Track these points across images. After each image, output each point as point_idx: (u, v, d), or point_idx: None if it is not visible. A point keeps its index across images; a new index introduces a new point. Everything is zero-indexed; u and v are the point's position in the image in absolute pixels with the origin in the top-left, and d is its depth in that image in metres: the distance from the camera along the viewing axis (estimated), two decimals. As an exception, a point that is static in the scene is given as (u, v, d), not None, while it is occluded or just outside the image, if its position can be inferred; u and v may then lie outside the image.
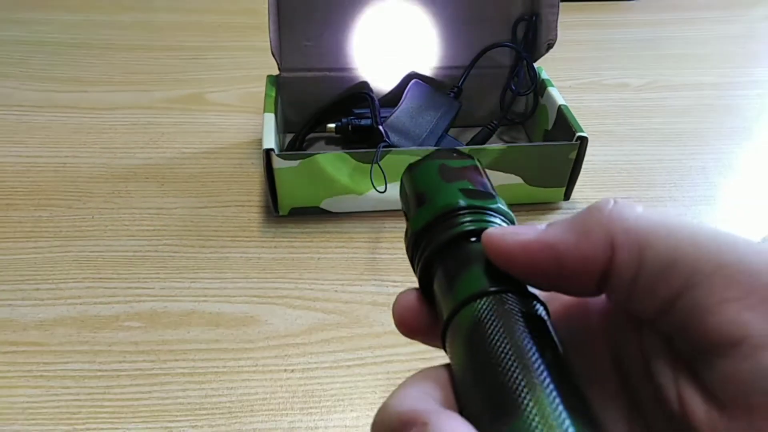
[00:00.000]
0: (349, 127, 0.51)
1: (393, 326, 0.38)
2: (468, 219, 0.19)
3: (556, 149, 0.45)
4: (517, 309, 0.16)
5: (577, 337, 0.18)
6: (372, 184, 0.43)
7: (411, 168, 0.22)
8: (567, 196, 0.48)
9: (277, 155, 0.42)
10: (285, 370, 0.36)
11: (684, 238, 0.15)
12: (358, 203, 0.46)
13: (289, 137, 0.53)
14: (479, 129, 0.52)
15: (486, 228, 0.18)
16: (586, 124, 0.47)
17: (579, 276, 0.16)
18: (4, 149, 0.52)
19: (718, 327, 0.14)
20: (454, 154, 0.22)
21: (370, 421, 0.33)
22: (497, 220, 0.19)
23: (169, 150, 0.53)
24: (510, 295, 0.16)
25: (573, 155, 0.45)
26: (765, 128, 0.59)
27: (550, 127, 0.50)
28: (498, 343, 0.15)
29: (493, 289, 0.17)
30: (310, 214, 0.46)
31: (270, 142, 0.43)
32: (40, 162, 0.51)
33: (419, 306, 0.19)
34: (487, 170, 0.35)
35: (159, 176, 0.50)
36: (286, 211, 0.46)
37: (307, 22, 0.50)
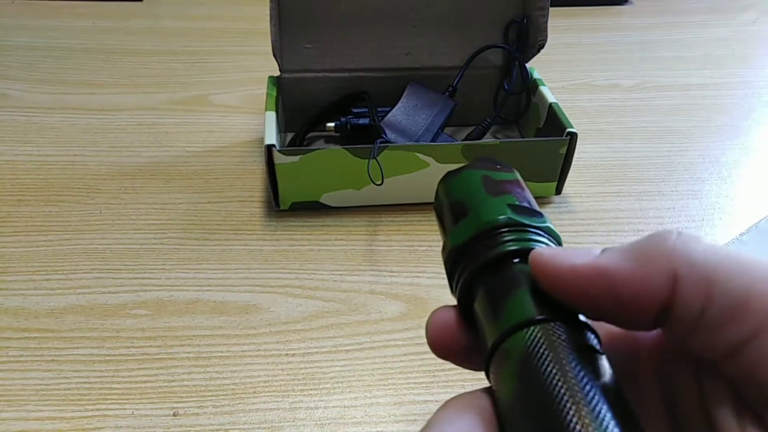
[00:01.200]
0: (348, 125, 0.53)
1: (390, 314, 0.40)
2: (514, 237, 0.18)
3: (547, 144, 0.47)
4: (569, 339, 0.15)
5: (623, 370, 0.16)
6: (370, 178, 0.45)
7: (450, 176, 0.21)
8: (558, 191, 0.50)
9: (278, 151, 0.44)
10: (286, 355, 0.37)
11: (759, 277, 0.14)
12: (356, 198, 0.48)
13: (289, 136, 0.55)
14: (474, 127, 0.54)
15: (533, 248, 0.17)
16: (578, 123, 0.48)
17: (635, 308, 0.15)
18: (16, 148, 0.54)
19: None
20: (498, 166, 0.21)
21: (368, 402, 0.35)
22: (545, 240, 0.18)
23: (173, 149, 0.55)
24: (561, 324, 0.16)
25: (563, 150, 0.47)
26: (750, 126, 0.61)
27: (541, 124, 0.52)
28: (551, 376, 0.14)
29: (543, 317, 0.16)
30: (310, 208, 0.48)
31: (271, 138, 0.44)
32: (50, 160, 0.53)
33: (456, 325, 0.18)
34: None
35: (164, 173, 0.52)
36: (287, 205, 0.48)
37: (307, 25, 0.52)
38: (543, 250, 0.17)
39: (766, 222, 0.47)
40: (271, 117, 0.47)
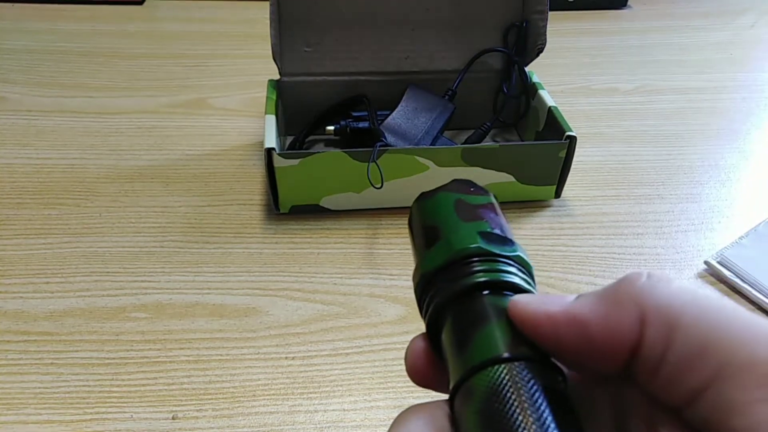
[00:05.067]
0: (348, 129, 0.53)
1: (389, 316, 0.40)
2: (484, 268, 0.18)
3: (546, 148, 0.47)
4: (534, 381, 0.15)
5: (585, 409, 0.17)
6: (369, 182, 0.45)
7: (424, 197, 0.21)
8: (558, 194, 0.50)
9: (278, 154, 0.44)
10: (285, 358, 0.37)
11: (718, 323, 0.14)
12: (356, 201, 0.48)
13: (289, 139, 0.55)
14: (473, 131, 0.54)
15: (502, 280, 0.17)
16: (577, 127, 0.49)
17: (607, 353, 0.15)
18: (15, 151, 0.54)
19: (744, 429, 0.13)
20: (471, 189, 0.21)
21: (367, 405, 0.35)
22: (514, 270, 0.18)
23: (173, 152, 0.55)
24: (527, 363, 0.15)
25: (563, 154, 0.47)
26: (749, 130, 0.61)
27: (541, 128, 0.52)
28: (514, 419, 0.14)
29: (508, 356, 0.15)
30: (310, 211, 0.48)
31: (271, 141, 0.44)
32: (49, 163, 0.53)
33: (429, 354, 0.18)
34: (480, 168, 0.34)
35: (164, 176, 0.52)
36: (286, 208, 0.48)
37: (307, 28, 0.52)
38: (519, 298, 0.17)
39: (765, 225, 0.47)
40: (270, 120, 0.47)
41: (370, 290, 0.42)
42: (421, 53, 0.55)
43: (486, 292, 0.17)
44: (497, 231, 0.19)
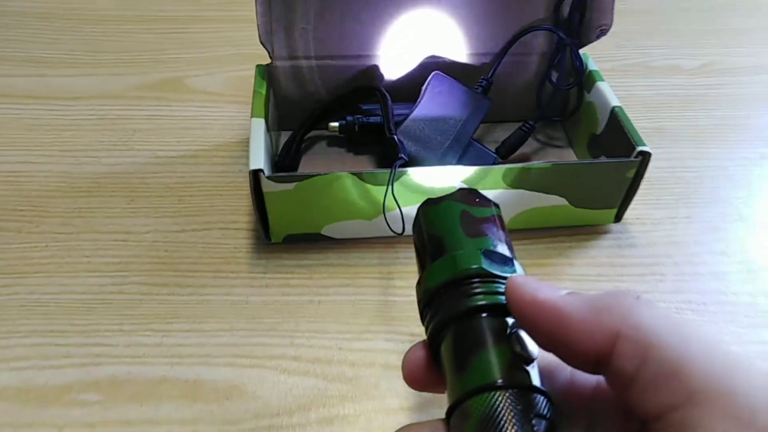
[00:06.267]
0: (356, 126, 0.43)
1: (410, 400, 0.31)
2: (484, 290, 0.19)
3: (610, 168, 0.36)
4: (527, 408, 0.17)
5: (564, 413, 0.19)
6: (384, 213, 0.35)
7: (429, 204, 0.22)
8: (618, 218, 0.40)
9: (268, 178, 0.34)
10: (277, 461, 0.29)
11: (696, 351, 0.15)
12: (366, 229, 0.38)
13: (284, 137, 0.45)
14: (510, 131, 0.43)
15: (501, 303, 0.19)
16: (635, 119, 0.38)
17: (578, 351, 0.17)
18: (-57, 154, 0.44)
19: None
20: (477, 200, 0.22)
21: None
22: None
23: (141, 153, 0.45)
24: (520, 391, 0.17)
25: (631, 174, 0.37)
26: None
27: (598, 131, 0.41)
28: None
29: (503, 383, 0.17)
30: (308, 240, 0.38)
31: (258, 159, 0.34)
32: (-14, 171, 0.43)
33: (429, 363, 0.20)
34: (524, 190, 0.34)
35: (128, 188, 0.42)
36: (279, 238, 0.38)
37: (304, 0, 0.41)
38: (517, 278, 0.18)
39: None
40: (258, 128, 0.37)
41: (385, 358, 0.33)
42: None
43: (484, 315, 0.19)
44: (499, 249, 0.20)
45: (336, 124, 0.43)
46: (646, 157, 0.36)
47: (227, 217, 0.40)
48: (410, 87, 0.43)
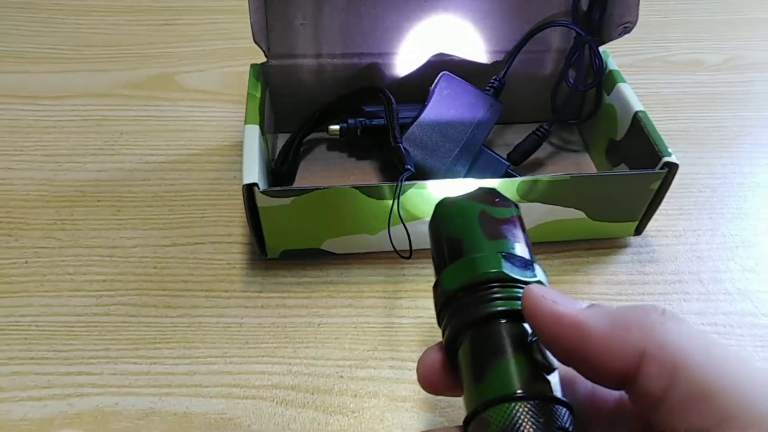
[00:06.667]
0: (358, 130, 0.40)
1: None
2: (504, 295, 0.18)
3: (634, 180, 0.34)
4: (546, 421, 0.16)
5: (584, 422, 0.18)
6: (389, 233, 0.32)
7: (447, 204, 0.21)
8: (639, 231, 0.37)
9: (263, 193, 0.31)
10: (274, 505, 0.27)
11: (728, 373, 0.14)
12: (369, 243, 0.35)
13: (282, 140, 0.42)
14: (522, 133, 0.41)
15: (520, 309, 0.18)
16: (655, 119, 0.36)
17: (600, 369, 0.16)
18: None
19: None
20: (497, 200, 0.21)
21: None
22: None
23: (128, 158, 0.42)
24: (539, 403, 0.16)
25: (655, 186, 0.34)
26: None
27: (619, 137, 0.38)
28: None
29: (523, 394, 0.17)
30: (307, 256, 0.36)
31: (252, 171, 0.31)
32: (-37, 178, 0.40)
33: (444, 366, 0.19)
34: (540, 204, 0.32)
35: (114, 197, 0.39)
36: (276, 253, 0.36)
37: (301, -8, 0.37)
38: (534, 289, 0.17)
39: None
40: (252, 135, 0.34)
41: (389, 388, 0.30)
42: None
43: (504, 321, 0.18)
44: (519, 252, 0.20)
45: (336, 127, 0.40)
46: (672, 168, 0.33)
47: (220, 229, 0.38)
48: (417, 87, 0.40)
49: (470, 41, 0.40)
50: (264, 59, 0.39)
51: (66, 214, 0.38)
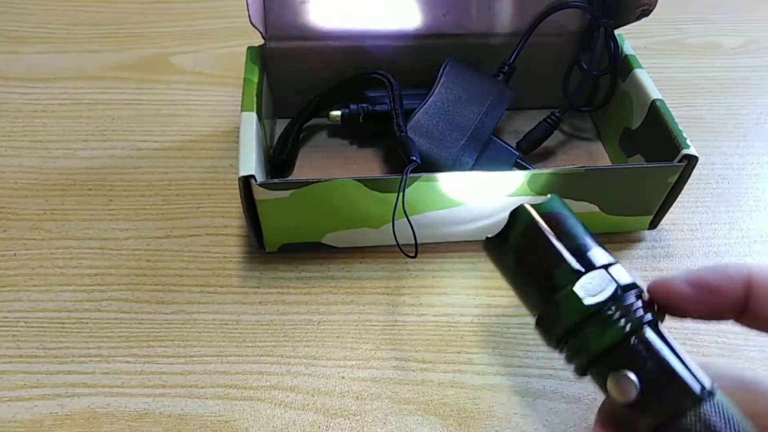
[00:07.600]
0: (360, 116, 0.38)
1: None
2: (622, 317, 0.18)
3: (650, 173, 0.32)
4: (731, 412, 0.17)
5: None
6: (393, 229, 0.31)
7: (521, 224, 0.20)
8: (654, 225, 0.36)
9: (260, 185, 0.30)
10: None
11: None
12: (372, 237, 0.34)
13: (281, 125, 0.40)
14: (532, 120, 0.39)
15: (641, 326, 0.18)
16: (669, 106, 0.34)
17: (716, 304, 0.19)
18: None
19: None
20: (566, 219, 0.21)
21: None
22: (639, 303, 0.19)
23: (120, 144, 0.40)
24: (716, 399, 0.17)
25: (673, 179, 0.32)
26: None
27: (634, 125, 0.36)
28: None
29: (700, 395, 0.17)
30: (307, 250, 0.34)
31: (249, 163, 0.30)
32: (-52, 165, 0.38)
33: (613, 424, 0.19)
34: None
35: (106, 186, 0.37)
36: (274, 247, 0.34)
37: (300, -30, 0.35)
38: (657, 282, 0.20)
39: None
40: (249, 124, 0.32)
41: (392, 390, 0.29)
42: (466, 8, 0.38)
43: (634, 339, 0.18)
44: (604, 258, 0.20)
45: (338, 113, 0.38)
46: (692, 161, 0.32)
47: (216, 220, 0.36)
48: (423, 72, 0.38)
49: (479, 22, 0.38)
50: (262, 41, 0.37)
51: (56, 203, 0.36)
